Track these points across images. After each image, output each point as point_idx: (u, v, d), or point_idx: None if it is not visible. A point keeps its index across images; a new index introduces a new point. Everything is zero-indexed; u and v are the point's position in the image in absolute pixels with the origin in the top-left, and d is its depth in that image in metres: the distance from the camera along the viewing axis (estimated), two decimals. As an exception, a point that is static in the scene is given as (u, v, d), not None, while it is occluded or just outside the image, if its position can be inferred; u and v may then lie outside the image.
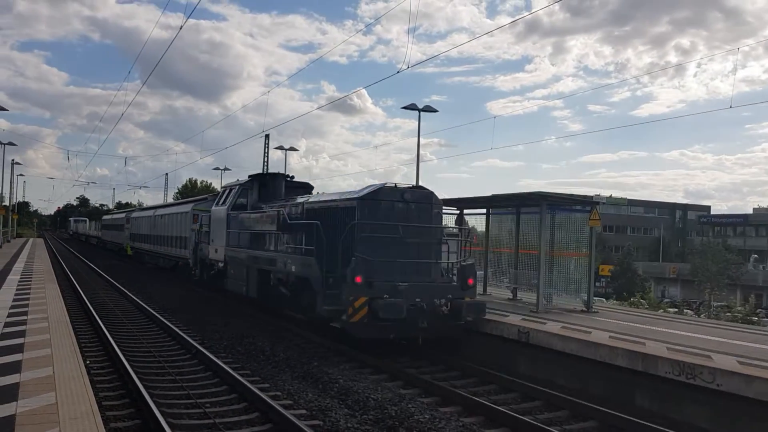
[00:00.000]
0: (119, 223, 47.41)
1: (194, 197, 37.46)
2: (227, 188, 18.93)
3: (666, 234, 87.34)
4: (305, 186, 17.93)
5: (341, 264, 11.26)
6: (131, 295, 19.36)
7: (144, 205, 62.05)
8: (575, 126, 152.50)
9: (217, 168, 60.63)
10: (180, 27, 18.03)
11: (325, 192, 15.82)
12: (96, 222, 75.16)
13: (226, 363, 10.03)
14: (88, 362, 9.54)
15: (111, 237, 51.82)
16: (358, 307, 10.68)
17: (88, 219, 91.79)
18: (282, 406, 7.59)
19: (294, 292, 13.15)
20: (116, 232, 48.48)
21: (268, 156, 50.19)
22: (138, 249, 37.98)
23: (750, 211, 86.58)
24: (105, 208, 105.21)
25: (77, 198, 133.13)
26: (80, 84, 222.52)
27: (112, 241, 50.47)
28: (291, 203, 14.70)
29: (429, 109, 29.88)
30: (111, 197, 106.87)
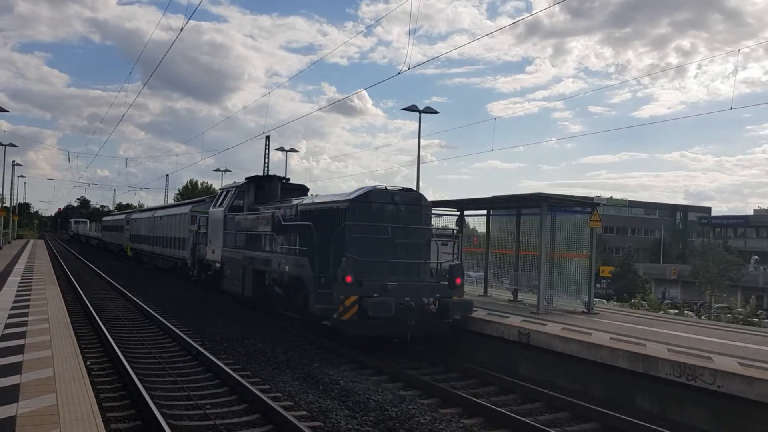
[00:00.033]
0: (119, 225, 47.45)
1: (193, 199, 37.58)
2: (224, 190, 19.13)
3: (666, 235, 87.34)
4: (301, 188, 18.20)
5: (333, 264, 11.55)
6: (131, 296, 19.37)
7: (144, 207, 62.13)
8: (576, 127, 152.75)
9: (218, 169, 60.84)
10: (181, 28, 18.09)
11: (319, 194, 16.17)
12: (96, 223, 75.20)
13: (227, 364, 10.03)
14: (89, 363, 9.54)
15: (111, 238, 51.88)
16: (349, 306, 10.95)
17: (89, 220, 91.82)
18: (282, 408, 7.60)
19: (288, 292, 13.37)
20: (116, 233, 48.53)
21: (269, 157, 50.17)
22: (137, 250, 38.00)
23: (750, 213, 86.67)
24: (106, 210, 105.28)
25: (78, 199, 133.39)
26: (81, 85, 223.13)
27: (112, 242, 50.51)
28: (286, 205, 14.87)
29: (429, 111, 29.87)
30: (112, 198, 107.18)
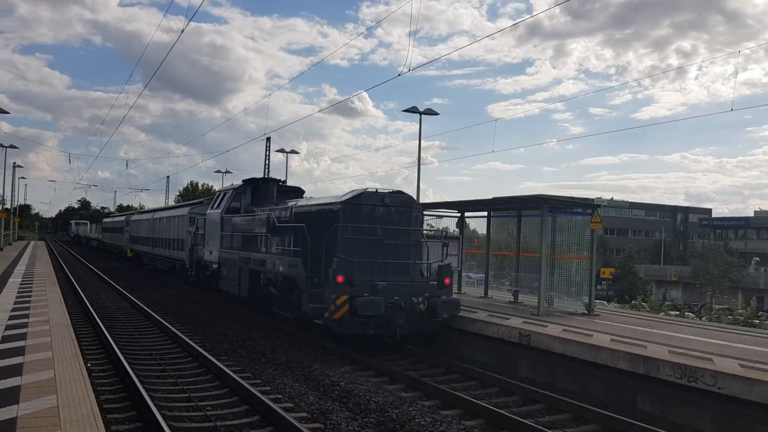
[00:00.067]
0: (119, 226, 47.64)
1: (192, 200, 37.77)
2: (222, 192, 19.43)
3: (667, 237, 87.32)
4: (297, 190, 18.53)
5: (325, 264, 11.85)
6: (132, 298, 19.37)
7: (145, 208, 62.15)
8: (576, 129, 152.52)
9: (219, 171, 61.07)
10: (181, 30, 18.13)
11: (314, 197, 16.65)
12: (97, 225, 75.29)
13: (227, 366, 10.03)
14: (90, 365, 9.54)
15: (111, 239, 52.03)
16: (340, 305, 11.23)
17: (90, 222, 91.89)
18: (283, 409, 7.60)
19: (282, 292, 13.68)
20: (116, 235, 48.70)
21: (270, 159, 50.06)
22: (137, 251, 38.14)
23: (751, 214, 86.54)
24: (106, 211, 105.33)
25: (79, 201, 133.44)
26: (82, 87, 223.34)
27: (113, 244, 50.63)
28: (281, 207, 15.14)
29: (430, 112, 29.90)
30: (112, 200, 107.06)
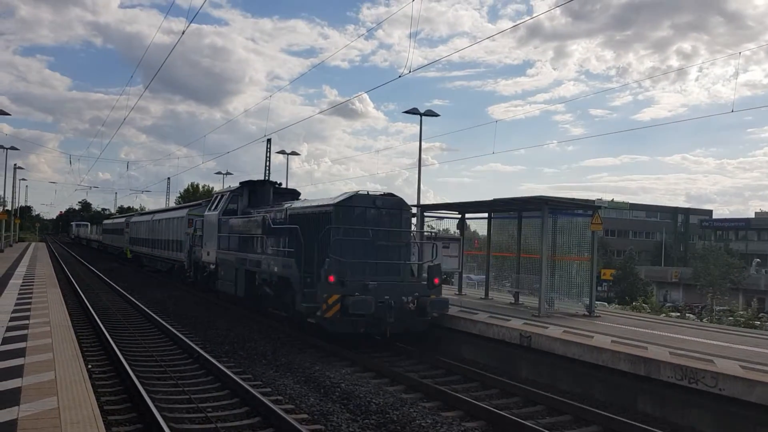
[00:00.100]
0: (119, 228, 47.77)
1: (190, 202, 38.04)
2: (219, 194, 19.84)
3: (668, 238, 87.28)
4: (292, 192, 19.06)
5: (317, 264, 12.12)
6: (132, 299, 19.37)
7: (146, 210, 62.18)
8: (577, 130, 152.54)
9: (219, 172, 60.73)
10: (182, 32, 18.16)
11: (308, 199, 17.01)
12: (97, 226, 75.32)
13: (228, 367, 10.04)
14: (90, 366, 9.54)
15: (111, 241, 52.13)
16: (332, 304, 11.53)
17: (90, 223, 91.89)
18: (284, 411, 7.59)
19: (277, 292, 13.97)
20: (116, 236, 48.82)
21: (270, 160, 50.04)
22: (137, 252, 38.26)
23: (752, 215, 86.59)
24: (107, 213, 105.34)
25: (79, 202, 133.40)
26: (83, 89, 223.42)
27: (113, 245, 50.72)
28: (276, 209, 15.42)
29: (431, 114, 29.92)
30: (113, 201, 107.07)
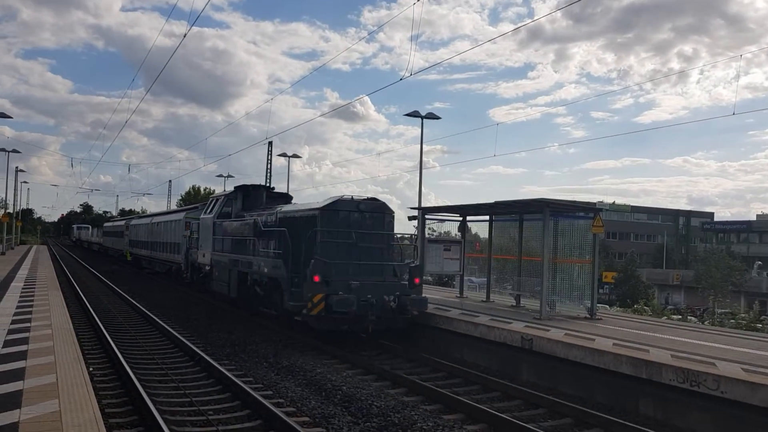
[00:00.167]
0: (119, 230, 47.99)
1: (188, 206, 38.34)
2: (214, 198, 20.55)
3: (669, 241, 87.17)
4: (285, 196, 19.68)
5: (304, 265, 12.69)
6: (133, 301, 19.36)
7: (147, 212, 62.28)
8: (578, 133, 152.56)
9: (221, 175, 60.55)
10: (184, 35, 18.20)
11: (298, 203, 17.63)
12: (98, 229, 75.40)
13: (229, 370, 10.03)
14: (92, 369, 9.53)
15: (112, 243, 52.24)
16: (317, 302, 12.13)
17: (91, 226, 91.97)
18: (285, 413, 7.58)
19: (266, 291, 14.62)
20: (117, 239, 48.97)
21: (272, 163, 50.10)
22: (136, 255, 38.45)
23: (753, 218, 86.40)
24: (108, 215, 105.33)
25: (81, 205, 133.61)
26: (84, 92, 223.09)
27: (113, 248, 50.80)
28: (267, 212, 15.99)
29: (432, 116, 29.88)
30: (114, 204, 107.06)
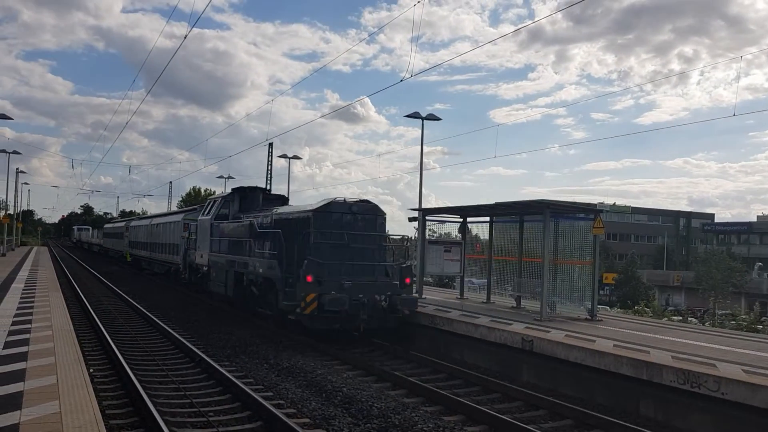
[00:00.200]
0: (119, 232, 48.20)
1: (186, 207, 38.55)
2: (212, 200, 20.81)
3: (670, 242, 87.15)
4: (281, 198, 20.10)
5: (297, 266, 12.92)
6: (133, 302, 19.35)
7: (147, 214, 62.33)
8: (578, 134, 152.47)
9: (221, 176, 60.50)
10: (184, 36, 18.25)
11: (292, 204, 17.99)
12: (99, 230, 75.42)
13: (230, 371, 10.03)
14: (92, 370, 9.53)
15: (112, 244, 52.37)
16: (309, 302, 12.40)
17: (92, 227, 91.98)
18: (285, 415, 7.58)
19: (262, 291, 14.85)
20: (117, 240, 49.15)
21: (272, 164, 49.96)
22: (136, 256, 38.61)
23: (754, 219, 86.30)
24: (109, 217, 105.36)
25: (81, 206, 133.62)
26: (85, 93, 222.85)
27: (113, 249, 50.94)
28: (263, 214, 16.22)
29: (432, 118, 29.86)
30: (115, 205, 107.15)
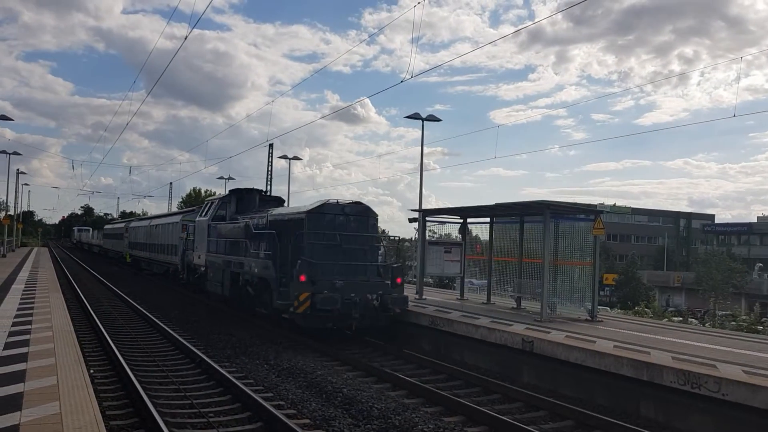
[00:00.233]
0: (119, 233, 48.37)
1: (185, 208, 38.74)
2: (209, 201, 21.17)
3: (670, 243, 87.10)
4: (277, 199, 20.48)
5: (291, 266, 13.21)
6: (133, 303, 19.35)
7: (147, 215, 62.37)
8: (579, 135, 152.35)
9: (222, 177, 60.48)
10: (185, 37, 18.29)
11: (288, 206, 18.38)
12: (99, 231, 75.42)
13: (230, 372, 10.02)
14: (92, 371, 9.53)
15: (112, 245, 52.44)
16: (303, 301, 12.64)
17: (92, 228, 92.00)
18: (285, 416, 7.58)
19: (257, 291, 15.14)
20: (116, 241, 49.30)
21: (272, 165, 49.96)
22: (135, 256, 38.73)
23: (754, 220, 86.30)
24: (109, 218, 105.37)
25: (82, 207, 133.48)
26: (85, 94, 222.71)
27: (113, 250, 51.01)
28: (259, 215, 16.53)
29: (432, 119, 29.84)
30: (115, 206, 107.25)
